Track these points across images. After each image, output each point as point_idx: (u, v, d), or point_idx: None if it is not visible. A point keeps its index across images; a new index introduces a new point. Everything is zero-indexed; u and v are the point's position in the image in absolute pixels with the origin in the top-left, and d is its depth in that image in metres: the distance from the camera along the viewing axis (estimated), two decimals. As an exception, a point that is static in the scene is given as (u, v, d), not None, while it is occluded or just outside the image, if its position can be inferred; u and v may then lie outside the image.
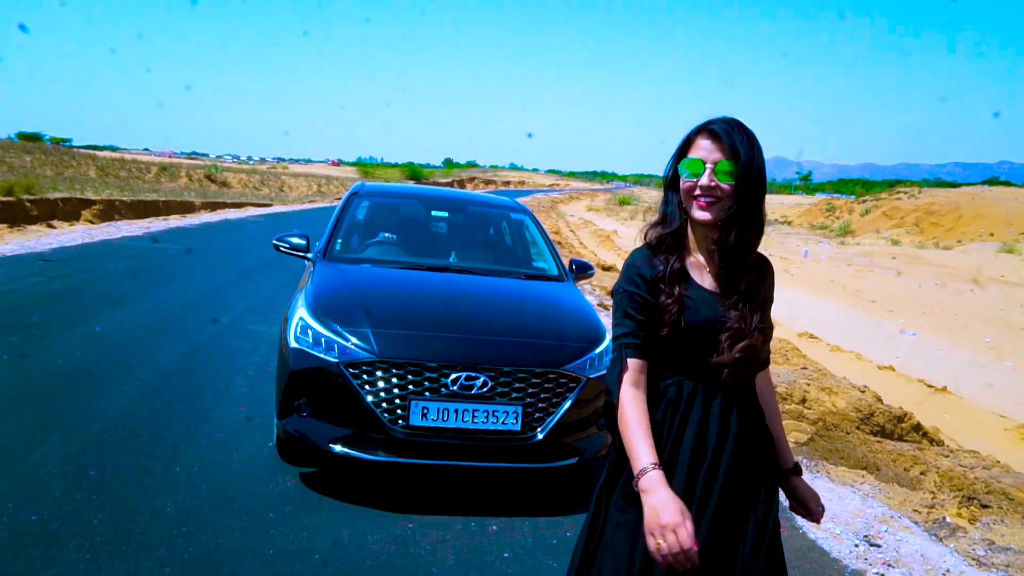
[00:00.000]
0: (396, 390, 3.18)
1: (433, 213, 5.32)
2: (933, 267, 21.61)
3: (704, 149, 1.58)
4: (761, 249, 1.68)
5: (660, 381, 1.64)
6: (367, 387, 3.19)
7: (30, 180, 16.25)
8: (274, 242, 4.48)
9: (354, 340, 3.27)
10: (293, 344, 3.38)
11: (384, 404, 3.17)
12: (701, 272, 1.65)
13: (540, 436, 3.27)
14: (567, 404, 3.33)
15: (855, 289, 17.53)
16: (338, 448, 3.21)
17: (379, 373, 3.19)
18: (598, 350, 3.54)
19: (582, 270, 4.81)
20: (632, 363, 1.61)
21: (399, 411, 3.17)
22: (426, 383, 3.19)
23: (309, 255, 4.44)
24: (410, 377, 3.19)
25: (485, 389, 3.21)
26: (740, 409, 1.63)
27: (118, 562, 2.65)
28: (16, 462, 3.39)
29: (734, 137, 1.56)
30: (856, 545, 3.38)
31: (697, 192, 1.58)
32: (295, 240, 4.44)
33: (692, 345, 1.61)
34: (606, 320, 4.10)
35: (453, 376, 3.19)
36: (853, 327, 12.91)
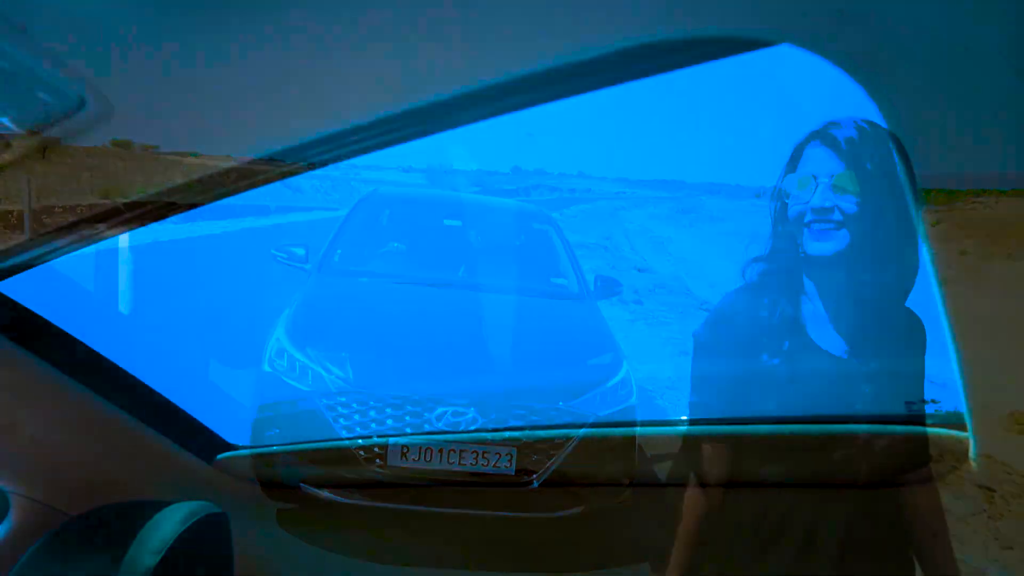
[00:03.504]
0: (373, 425, 2.84)
1: (446, 222, 4.95)
2: (989, 280, 21.19)
3: (817, 160, 1.18)
4: None
5: None
6: (341, 421, 2.85)
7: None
8: (272, 251, 4.10)
9: (331, 367, 2.95)
10: (267, 369, 3.07)
11: (360, 441, 2.82)
12: (822, 329, 1.23)
13: (537, 484, 2.86)
14: (571, 446, 2.91)
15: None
16: (310, 488, 2.82)
17: (355, 405, 2.86)
18: (612, 383, 3.09)
19: (608, 287, 4.29)
20: (709, 449, 1.26)
21: (376, 449, 2.78)
22: (407, 418, 2.85)
23: (308, 266, 4.08)
24: (389, 411, 2.85)
25: (475, 427, 2.86)
26: None
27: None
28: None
29: (858, 141, 1.15)
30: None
31: (809, 217, 1.18)
32: (294, 250, 4.06)
33: None
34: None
35: (439, 411, 2.85)
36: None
